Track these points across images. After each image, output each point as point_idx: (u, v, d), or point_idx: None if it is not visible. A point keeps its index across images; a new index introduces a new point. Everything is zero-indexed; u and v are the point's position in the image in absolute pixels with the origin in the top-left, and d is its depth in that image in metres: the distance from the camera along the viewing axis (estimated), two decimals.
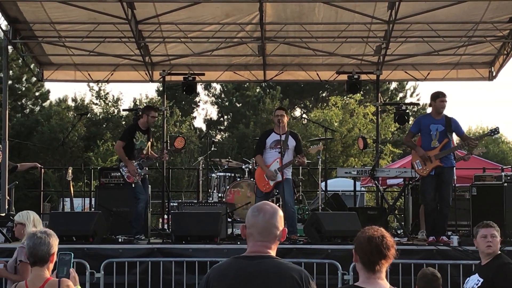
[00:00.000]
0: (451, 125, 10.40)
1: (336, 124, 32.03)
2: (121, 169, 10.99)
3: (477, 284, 6.00)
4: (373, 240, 3.75)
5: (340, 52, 14.73)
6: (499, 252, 6.19)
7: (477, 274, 6.08)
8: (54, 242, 4.89)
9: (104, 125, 34.99)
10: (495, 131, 10.70)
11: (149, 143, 11.30)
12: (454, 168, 10.67)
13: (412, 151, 10.79)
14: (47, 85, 34.17)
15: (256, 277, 3.77)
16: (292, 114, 37.72)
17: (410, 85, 40.76)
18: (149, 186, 11.48)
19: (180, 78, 14.54)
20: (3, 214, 11.84)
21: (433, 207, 10.42)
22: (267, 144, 10.86)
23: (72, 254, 5.00)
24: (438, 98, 10.45)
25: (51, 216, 11.31)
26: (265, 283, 3.76)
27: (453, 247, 9.70)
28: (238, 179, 13.03)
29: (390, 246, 3.78)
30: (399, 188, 15.67)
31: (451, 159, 10.50)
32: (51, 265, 4.87)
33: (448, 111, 10.74)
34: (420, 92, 41.69)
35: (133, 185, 10.86)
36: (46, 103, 34.96)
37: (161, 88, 26.72)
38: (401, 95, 40.75)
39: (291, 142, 10.83)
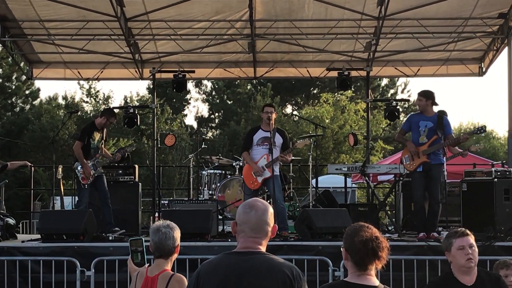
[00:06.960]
0: (442, 122, 10.45)
1: (327, 120, 32.04)
2: (76, 169, 10.98)
3: None
4: (369, 244, 3.72)
5: (330, 48, 14.74)
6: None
7: None
8: (178, 234, 5.02)
9: None
10: (482, 129, 10.81)
11: (103, 141, 11.34)
12: (444, 165, 10.69)
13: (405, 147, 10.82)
14: (37, 83, 34.04)
15: (247, 273, 3.76)
16: (283, 111, 37.72)
17: (401, 81, 40.91)
18: (105, 181, 11.24)
19: (170, 75, 14.51)
20: None
21: (422, 205, 10.49)
22: (254, 141, 10.87)
23: (143, 239, 5.06)
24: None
25: (42, 214, 11.28)
26: (256, 278, 3.74)
27: None
28: (229, 177, 13.01)
29: (384, 247, 3.76)
30: (390, 184, 15.68)
31: (439, 156, 10.50)
32: (175, 255, 5.01)
33: (438, 107, 10.80)
34: (411, 89, 41.80)
35: (85, 186, 10.87)
36: (36, 102, 34.85)
37: (151, 86, 26.72)
38: (392, 91, 40.85)
39: (278, 139, 10.83)
